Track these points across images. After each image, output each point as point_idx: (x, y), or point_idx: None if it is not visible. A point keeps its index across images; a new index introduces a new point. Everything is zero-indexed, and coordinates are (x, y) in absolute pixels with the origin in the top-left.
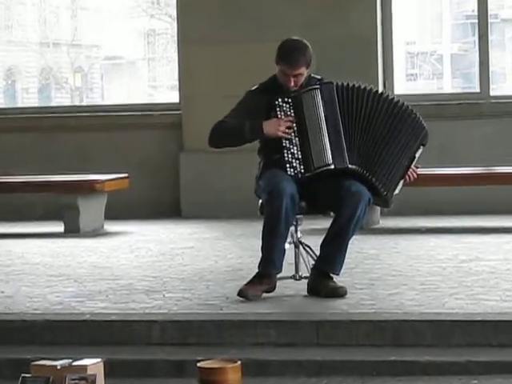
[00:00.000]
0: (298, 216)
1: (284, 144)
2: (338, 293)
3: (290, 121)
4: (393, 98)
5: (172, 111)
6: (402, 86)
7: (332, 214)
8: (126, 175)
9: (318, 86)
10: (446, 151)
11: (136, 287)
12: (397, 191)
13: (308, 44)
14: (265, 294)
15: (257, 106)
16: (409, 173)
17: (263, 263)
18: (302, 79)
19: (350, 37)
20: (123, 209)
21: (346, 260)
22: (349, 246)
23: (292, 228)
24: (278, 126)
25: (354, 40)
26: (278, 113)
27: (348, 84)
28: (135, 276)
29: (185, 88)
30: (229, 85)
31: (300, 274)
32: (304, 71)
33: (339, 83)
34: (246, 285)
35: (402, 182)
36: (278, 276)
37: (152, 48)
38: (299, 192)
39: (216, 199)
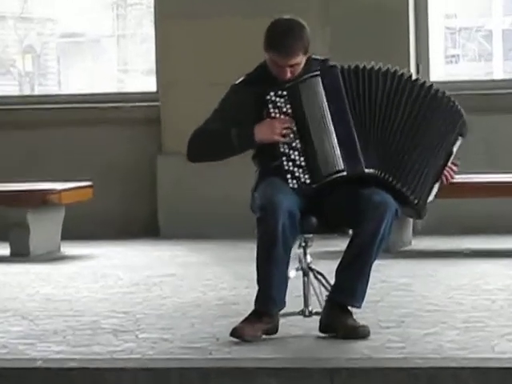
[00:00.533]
0: (306, 236)
1: (282, 150)
2: (359, 333)
3: (287, 120)
4: (417, 80)
5: (148, 102)
6: (440, 71)
7: (350, 231)
8: (88, 184)
9: (317, 73)
10: (495, 153)
11: (102, 326)
12: (431, 197)
13: (303, 23)
14: (265, 336)
15: (244, 104)
16: (445, 172)
17: (260, 299)
18: (299, 68)
19: (373, 8)
20: (85, 226)
21: (368, 290)
22: (372, 272)
23: (299, 251)
24: (273, 129)
25: (378, 13)
26: (272, 111)
27: (357, 66)
28: (100, 312)
29: (164, 73)
30: (218, 69)
31: (310, 309)
32: (301, 59)
33: (345, 66)
34: (241, 323)
35: (437, 185)
36: (282, 312)
37: (122, 23)
38: (307, 206)
39: (203, 214)
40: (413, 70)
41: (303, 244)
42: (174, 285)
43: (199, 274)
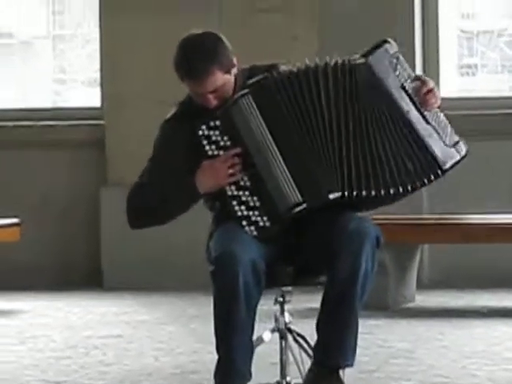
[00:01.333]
0: (284, 289)
1: (230, 193)
2: None
3: (228, 156)
4: (341, 63)
5: (90, 120)
6: (454, 84)
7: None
8: (15, 221)
9: (246, 91)
10: None
11: None
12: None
13: (218, 35)
14: None
15: (178, 146)
16: (426, 99)
17: (221, 372)
18: (226, 90)
19: (369, 4)
20: (11, 274)
21: (361, 357)
22: (365, 333)
23: (276, 308)
24: (216, 173)
25: (374, 10)
26: (208, 148)
27: (290, 71)
28: (28, 381)
29: (111, 84)
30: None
31: (288, 379)
32: (223, 79)
33: (276, 73)
34: None
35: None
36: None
37: (60, 21)
38: (278, 253)
39: (156, 261)
40: None
41: (280, 299)
42: (120, 348)
43: (151, 334)
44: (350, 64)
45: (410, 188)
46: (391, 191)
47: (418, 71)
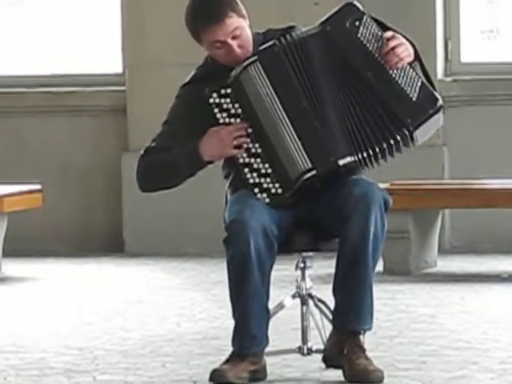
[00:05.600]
0: (305, 255)
1: (241, 161)
2: (370, 379)
3: (237, 126)
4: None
5: (111, 87)
6: (476, 49)
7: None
8: (37, 188)
9: (255, 58)
10: None
11: (50, 365)
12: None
13: None
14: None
15: (192, 112)
16: (388, 59)
17: (237, 337)
18: (245, 35)
19: None
20: (33, 241)
21: (383, 323)
22: (386, 298)
23: (297, 274)
24: (222, 142)
25: None
26: (219, 116)
27: (299, 35)
28: (49, 347)
29: (132, 50)
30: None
31: (310, 345)
32: (239, 22)
33: (283, 40)
34: (223, 364)
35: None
36: (276, 349)
37: None
38: (296, 219)
39: (178, 226)
40: (440, 48)
41: (301, 265)
42: (142, 314)
43: (172, 300)
44: (305, 35)
45: (410, 130)
46: (396, 138)
47: (440, 38)
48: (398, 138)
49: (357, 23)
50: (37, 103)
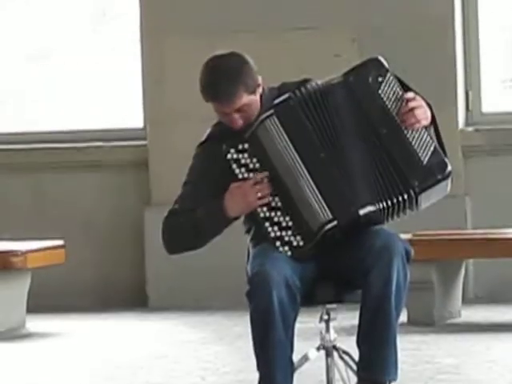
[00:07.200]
0: (329, 307)
1: (262, 215)
2: None
3: (257, 178)
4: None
5: (133, 141)
6: (497, 100)
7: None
8: (60, 243)
9: (271, 112)
10: None
11: None
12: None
13: (243, 56)
14: None
15: (210, 170)
16: (404, 119)
17: None
18: (251, 110)
19: (409, 17)
20: (56, 296)
21: (408, 374)
22: (412, 349)
23: (321, 326)
24: (246, 196)
25: (415, 23)
26: (238, 171)
27: (315, 87)
28: None
29: (153, 105)
30: None
31: None
32: (249, 99)
33: (298, 93)
34: None
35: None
36: None
37: (102, 36)
38: (319, 271)
39: (201, 281)
40: (460, 98)
41: (325, 317)
42: (166, 368)
43: (197, 354)
44: (325, 85)
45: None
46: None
47: (461, 89)
48: (405, 196)
49: (380, 79)
50: (60, 159)
